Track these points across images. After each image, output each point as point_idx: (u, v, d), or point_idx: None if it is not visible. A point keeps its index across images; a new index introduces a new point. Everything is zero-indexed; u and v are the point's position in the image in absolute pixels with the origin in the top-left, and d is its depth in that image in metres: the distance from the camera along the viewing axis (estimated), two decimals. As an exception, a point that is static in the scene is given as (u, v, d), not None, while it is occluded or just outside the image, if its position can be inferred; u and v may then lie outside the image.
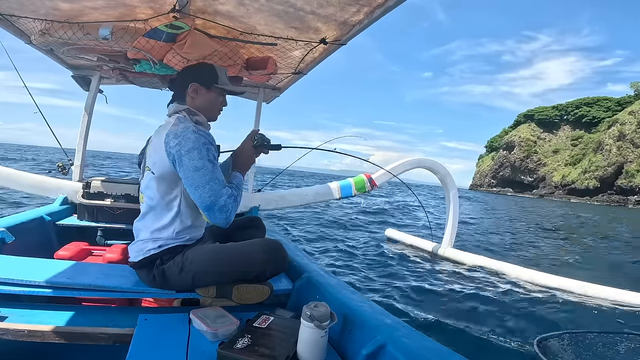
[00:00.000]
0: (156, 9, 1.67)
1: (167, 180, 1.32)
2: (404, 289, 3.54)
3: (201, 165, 1.24)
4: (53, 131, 2.83)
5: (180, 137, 1.26)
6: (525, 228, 10.37)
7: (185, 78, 1.46)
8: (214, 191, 1.24)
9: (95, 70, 2.70)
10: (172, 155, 1.26)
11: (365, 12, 1.54)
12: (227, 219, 1.28)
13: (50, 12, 1.73)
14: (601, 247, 8.36)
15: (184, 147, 1.25)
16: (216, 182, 1.25)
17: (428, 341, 1.03)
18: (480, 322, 2.87)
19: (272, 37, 1.87)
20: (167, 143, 1.27)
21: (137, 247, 1.37)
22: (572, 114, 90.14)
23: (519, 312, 3.15)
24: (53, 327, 1.17)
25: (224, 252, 1.37)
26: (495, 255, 5.66)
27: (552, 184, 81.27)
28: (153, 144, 1.37)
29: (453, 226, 4.68)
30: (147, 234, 1.36)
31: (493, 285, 3.91)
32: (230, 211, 1.28)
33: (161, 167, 1.30)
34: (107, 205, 2.47)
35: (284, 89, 2.99)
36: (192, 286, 1.36)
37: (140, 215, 1.41)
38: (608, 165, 67.29)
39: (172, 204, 1.34)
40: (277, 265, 1.41)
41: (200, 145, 1.26)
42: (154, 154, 1.33)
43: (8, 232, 1.80)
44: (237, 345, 1.04)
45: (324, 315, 1.04)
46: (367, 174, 3.59)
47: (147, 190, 1.36)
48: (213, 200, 1.24)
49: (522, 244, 7.78)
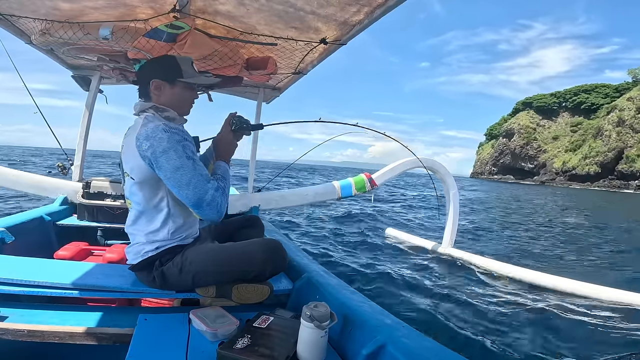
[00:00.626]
0: (156, 9, 1.67)
1: (149, 183, 1.27)
2: (404, 289, 3.54)
3: (180, 164, 1.19)
4: (53, 132, 2.83)
5: (151, 139, 1.20)
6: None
7: (145, 74, 1.36)
8: (198, 188, 1.21)
9: (95, 70, 2.70)
10: (147, 159, 1.21)
11: (366, 12, 1.54)
12: (218, 212, 1.25)
13: (50, 12, 1.73)
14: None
15: (157, 148, 1.19)
16: (199, 178, 1.21)
17: (428, 341, 1.03)
18: (480, 322, 2.87)
19: (272, 37, 1.87)
20: (139, 147, 1.21)
21: (135, 250, 1.35)
22: (570, 101, 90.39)
23: (519, 312, 3.15)
24: (53, 327, 1.17)
25: (223, 252, 1.37)
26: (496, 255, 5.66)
27: (553, 170, 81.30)
28: (126, 147, 1.31)
29: (453, 226, 4.68)
30: (143, 237, 1.34)
31: (493, 285, 3.91)
32: (220, 204, 1.25)
33: (139, 172, 1.25)
34: (107, 205, 2.47)
35: (284, 89, 3.00)
36: (192, 286, 1.36)
37: (132, 221, 1.36)
38: (608, 151, 67.54)
39: (160, 206, 1.31)
40: (276, 264, 1.40)
41: (174, 144, 1.20)
42: (130, 159, 1.27)
43: (8, 232, 1.80)
44: (236, 345, 1.04)
45: (324, 315, 1.04)
46: (367, 174, 3.59)
47: (132, 197, 1.32)
48: (199, 197, 1.21)
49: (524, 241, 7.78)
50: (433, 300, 3.26)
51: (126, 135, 1.35)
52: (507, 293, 3.68)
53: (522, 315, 3.09)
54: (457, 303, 3.22)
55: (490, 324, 2.87)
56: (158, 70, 1.35)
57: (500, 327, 2.83)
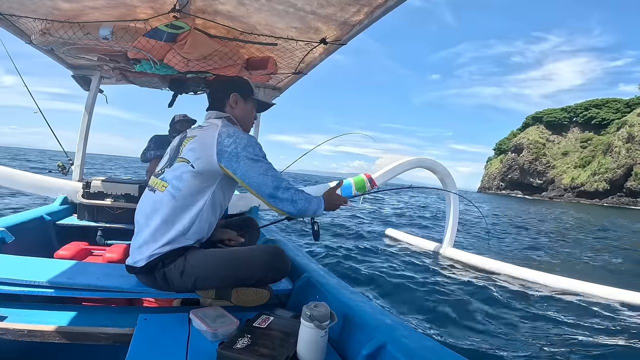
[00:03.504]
0: (156, 9, 1.67)
1: (204, 176, 1.33)
2: (404, 289, 3.54)
3: (260, 158, 1.32)
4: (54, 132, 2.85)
5: (234, 137, 1.32)
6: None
7: (226, 87, 1.52)
8: (275, 177, 1.31)
9: (95, 70, 2.70)
10: (226, 153, 1.29)
11: (366, 12, 1.54)
12: (294, 204, 1.33)
13: (50, 11, 1.73)
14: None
15: (240, 144, 1.30)
16: (275, 171, 1.33)
17: (428, 341, 1.03)
18: (480, 322, 2.87)
19: (272, 37, 1.87)
20: (221, 142, 1.30)
21: (139, 250, 1.32)
22: (581, 116, 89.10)
23: (518, 312, 3.15)
24: (53, 327, 1.17)
25: (225, 257, 1.36)
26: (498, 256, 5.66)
27: (562, 186, 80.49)
28: (199, 139, 1.35)
29: (453, 226, 4.69)
30: (155, 231, 1.29)
31: (492, 285, 3.91)
32: (294, 198, 1.33)
33: (205, 163, 1.31)
34: (107, 205, 2.47)
35: (284, 89, 3.00)
36: (193, 289, 1.36)
37: (153, 206, 1.33)
38: (617, 167, 66.45)
39: (197, 201, 1.33)
40: (278, 271, 1.41)
41: (254, 143, 1.34)
42: (200, 150, 1.32)
43: (8, 231, 1.80)
44: (236, 345, 1.04)
45: (324, 315, 1.04)
46: (367, 174, 3.59)
47: (176, 181, 1.32)
48: (277, 184, 1.31)
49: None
50: (433, 300, 3.26)
51: (200, 128, 1.44)
52: (507, 293, 3.69)
53: (522, 315, 3.09)
54: (456, 303, 3.22)
55: (490, 323, 2.87)
56: (237, 86, 1.54)
57: (500, 326, 2.83)
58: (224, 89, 1.52)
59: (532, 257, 6.20)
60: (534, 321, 2.97)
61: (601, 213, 29.58)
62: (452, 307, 3.12)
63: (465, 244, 6.66)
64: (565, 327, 2.90)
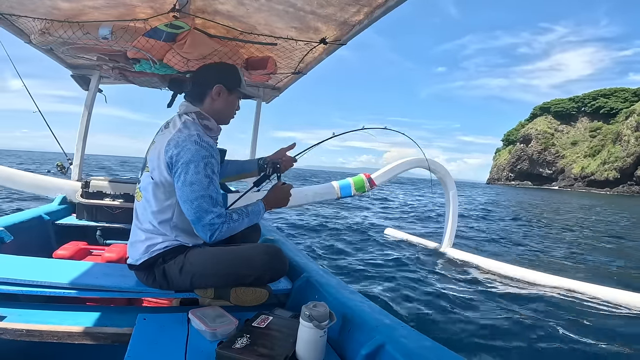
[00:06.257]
0: (156, 9, 1.67)
1: (165, 187, 1.30)
2: (403, 289, 3.54)
3: (195, 180, 1.22)
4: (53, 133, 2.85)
5: (180, 147, 1.24)
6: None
7: (212, 77, 1.40)
8: (201, 208, 1.23)
9: (94, 69, 2.70)
10: (170, 165, 1.26)
11: (366, 12, 1.54)
12: (211, 237, 1.27)
13: (50, 11, 1.73)
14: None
15: (182, 158, 1.23)
16: (206, 199, 1.24)
17: (427, 341, 1.03)
18: (480, 322, 2.87)
19: (272, 37, 1.87)
20: (167, 152, 1.26)
21: (137, 248, 1.35)
22: (589, 106, 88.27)
23: (519, 312, 3.15)
24: (51, 327, 1.17)
25: (223, 255, 1.36)
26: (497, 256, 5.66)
27: (572, 176, 79.66)
28: (156, 146, 1.33)
29: (452, 225, 4.69)
30: (148, 233, 1.34)
31: (492, 284, 3.91)
32: (217, 231, 1.27)
33: (159, 174, 1.29)
34: (106, 204, 2.46)
35: (284, 88, 3.00)
36: (191, 287, 1.36)
37: (139, 214, 1.37)
38: (627, 156, 66.20)
39: (167, 211, 1.32)
40: (276, 270, 1.41)
41: (198, 159, 1.23)
42: (155, 159, 1.30)
43: (7, 231, 1.79)
44: (235, 345, 1.04)
45: (323, 315, 1.04)
46: (366, 174, 3.60)
47: (145, 192, 1.34)
48: (198, 216, 1.24)
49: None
50: (432, 300, 3.26)
51: (161, 132, 1.38)
52: (507, 293, 3.69)
53: (522, 315, 3.09)
54: (456, 303, 3.23)
55: (489, 323, 2.87)
56: (223, 77, 1.41)
57: (500, 326, 2.83)
58: (209, 79, 1.40)
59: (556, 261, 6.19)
60: (534, 321, 2.97)
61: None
62: (451, 307, 3.12)
63: (464, 240, 6.64)
64: (565, 327, 2.90)
